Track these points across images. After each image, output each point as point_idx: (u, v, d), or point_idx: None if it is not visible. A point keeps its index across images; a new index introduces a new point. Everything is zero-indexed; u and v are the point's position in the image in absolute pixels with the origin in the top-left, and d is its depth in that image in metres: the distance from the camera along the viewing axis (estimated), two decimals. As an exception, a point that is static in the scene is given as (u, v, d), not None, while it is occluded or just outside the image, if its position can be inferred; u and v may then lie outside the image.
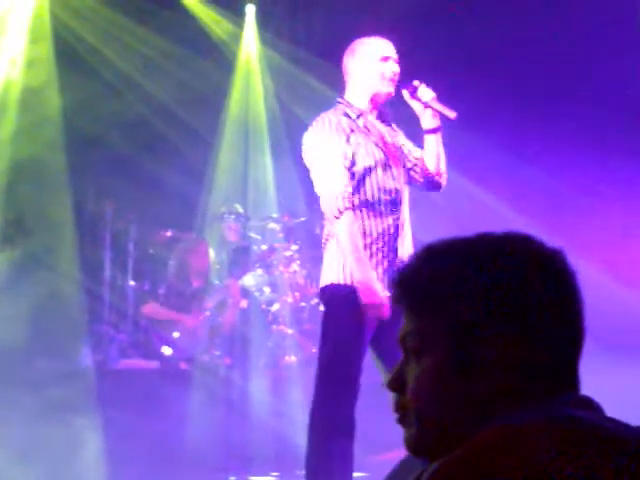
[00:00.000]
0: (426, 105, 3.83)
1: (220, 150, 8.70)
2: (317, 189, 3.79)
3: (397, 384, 1.29)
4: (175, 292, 7.01)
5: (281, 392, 6.36)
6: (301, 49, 8.89)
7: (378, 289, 3.61)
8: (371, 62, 3.85)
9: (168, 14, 8.21)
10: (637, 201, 7.25)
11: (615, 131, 7.32)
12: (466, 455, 1.07)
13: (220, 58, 8.85)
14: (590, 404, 1.19)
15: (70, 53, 7.88)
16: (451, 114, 3.78)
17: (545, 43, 7.17)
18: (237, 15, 8.93)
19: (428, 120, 3.87)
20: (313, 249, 7.83)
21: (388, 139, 3.89)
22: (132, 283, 7.27)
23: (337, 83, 8.19)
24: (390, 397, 1.34)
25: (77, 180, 7.40)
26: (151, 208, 7.54)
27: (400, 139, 3.98)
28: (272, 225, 7.89)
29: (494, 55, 7.31)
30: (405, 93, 3.87)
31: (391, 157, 3.83)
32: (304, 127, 8.76)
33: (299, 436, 5.95)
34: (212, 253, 7.48)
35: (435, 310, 1.24)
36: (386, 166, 3.78)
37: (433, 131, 3.88)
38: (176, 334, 6.76)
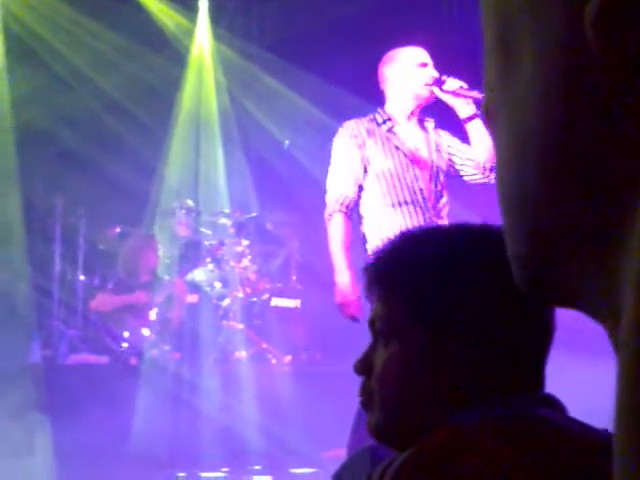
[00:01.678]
0: (455, 94, 3.90)
1: (171, 145, 8.66)
2: None
3: (363, 367, 1.28)
4: (123, 287, 6.98)
5: (231, 387, 6.36)
6: (253, 44, 8.89)
7: (347, 291, 3.77)
8: (410, 68, 3.96)
9: (120, 8, 8.14)
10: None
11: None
12: (427, 454, 1.06)
13: (172, 52, 8.81)
14: (553, 403, 1.19)
15: (20, 45, 7.80)
16: (479, 95, 3.85)
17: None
18: (190, 9, 8.90)
19: (463, 109, 3.93)
20: (264, 244, 7.85)
21: (419, 144, 3.96)
22: (82, 278, 7.22)
23: (289, 78, 8.27)
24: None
25: (27, 174, 7.33)
26: (101, 203, 7.48)
27: (444, 141, 4.05)
28: (223, 220, 7.88)
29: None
30: (435, 89, 3.92)
31: (415, 160, 3.90)
32: (255, 122, 8.82)
33: (249, 431, 5.97)
34: (161, 248, 7.46)
35: (406, 297, 1.23)
36: (409, 168, 3.87)
37: (471, 118, 3.93)
38: (126, 334, 6.74)
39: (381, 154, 3.88)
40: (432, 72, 3.96)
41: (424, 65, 3.97)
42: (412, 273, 1.24)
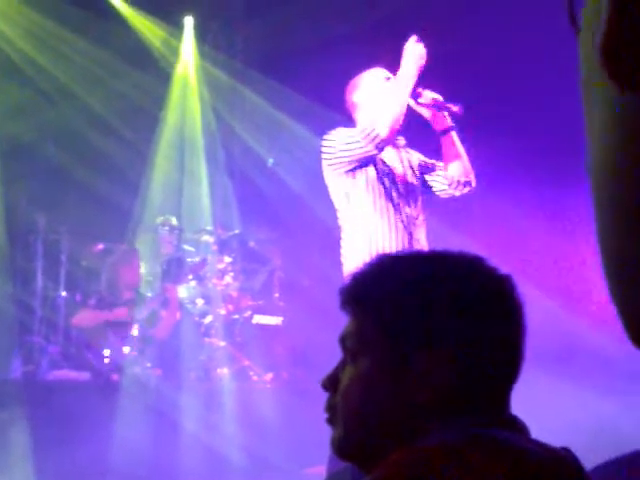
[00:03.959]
0: (430, 107, 3.91)
1: (155, 162, 8.67)
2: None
3: (330, 383, 1.32)
4: (105, 303, 6.95)
5: (212, 404, 6.34)
6: (238, 62, 8.92)
7: None
8: (377, 86, 3.96)
9: (106, 25, 8.16)
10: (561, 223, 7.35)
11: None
12: (394, 475, 1.09)
13: (157, 70, 8.83)
14: (514, 424, 1.21)
15: (5, 61, 7.80)
16: (454, 108, 3.86)
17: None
18: (175, 27, 8.93)
19: (438, 122, 3.95)
20: (246, 262, 7.85)
21: (394, 162, 3.95)
22: (64, 294, 7.19)
23: (273, 96, 8.29)
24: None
25: (9, 190, 7.31)
26: (84, 219, 7.47)
27: (414, 158, 4.06)
28: (206, 237, 7.88)
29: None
30: (410, 102, 3.90)
31: (395, 176, 3.89)
32: (239, 140, 8.82)
33: (230, 448, 5.96)
34: (144, 265, 7.44)
35: (378, 315, 1.25)
36: (391, 184, 3.86)
37: (445, 131, 3.94)
38: (107, 351, 6.71)
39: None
40: None
41: (389, 79, 3.95)
42: (385, 292, 1.26)
